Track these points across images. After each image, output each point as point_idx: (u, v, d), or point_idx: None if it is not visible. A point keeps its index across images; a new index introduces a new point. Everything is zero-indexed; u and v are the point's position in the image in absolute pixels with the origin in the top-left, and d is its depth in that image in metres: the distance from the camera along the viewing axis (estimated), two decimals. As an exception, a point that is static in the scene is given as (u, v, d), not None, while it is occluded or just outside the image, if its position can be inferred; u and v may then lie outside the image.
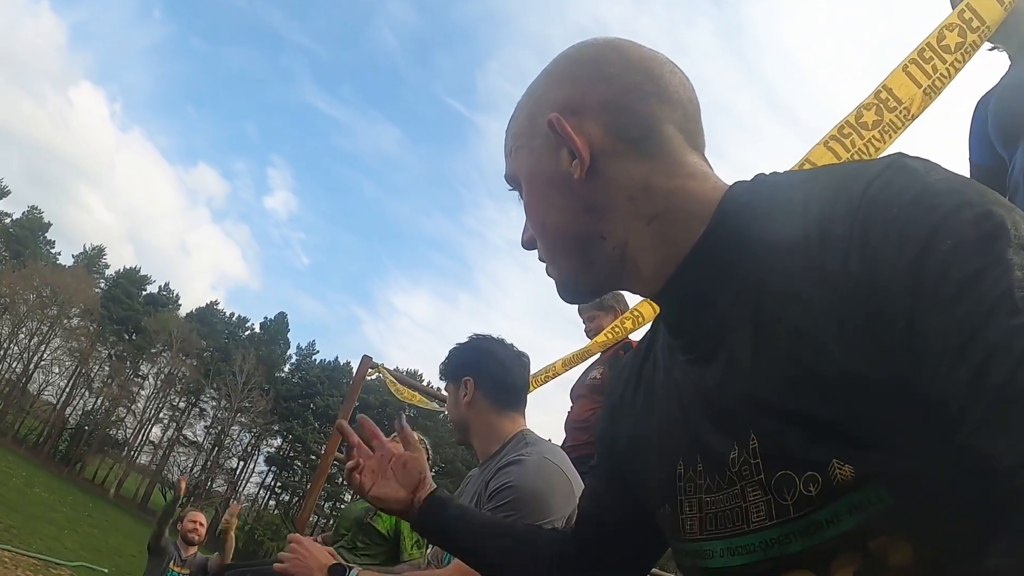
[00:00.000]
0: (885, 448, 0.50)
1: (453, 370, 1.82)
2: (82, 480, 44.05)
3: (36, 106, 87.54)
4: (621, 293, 3.61)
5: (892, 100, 1.76)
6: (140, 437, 48.84)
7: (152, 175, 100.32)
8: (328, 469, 5.82)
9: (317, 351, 55.81)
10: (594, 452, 0.91)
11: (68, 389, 47.77)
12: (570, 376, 3.84)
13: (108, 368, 48.79)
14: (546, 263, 0.73)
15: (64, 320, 47.93)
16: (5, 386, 45.84)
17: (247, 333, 55.80)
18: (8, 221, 54.02)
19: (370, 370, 6.00)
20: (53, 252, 56.71)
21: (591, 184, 0.65)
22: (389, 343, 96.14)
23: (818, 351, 0.52)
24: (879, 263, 0.49)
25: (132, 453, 48.78)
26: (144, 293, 54.62)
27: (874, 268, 0.50)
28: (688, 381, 0.65)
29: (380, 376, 6.18)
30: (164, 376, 49.54)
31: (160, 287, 56.63)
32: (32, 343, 47.26)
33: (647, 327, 0.84)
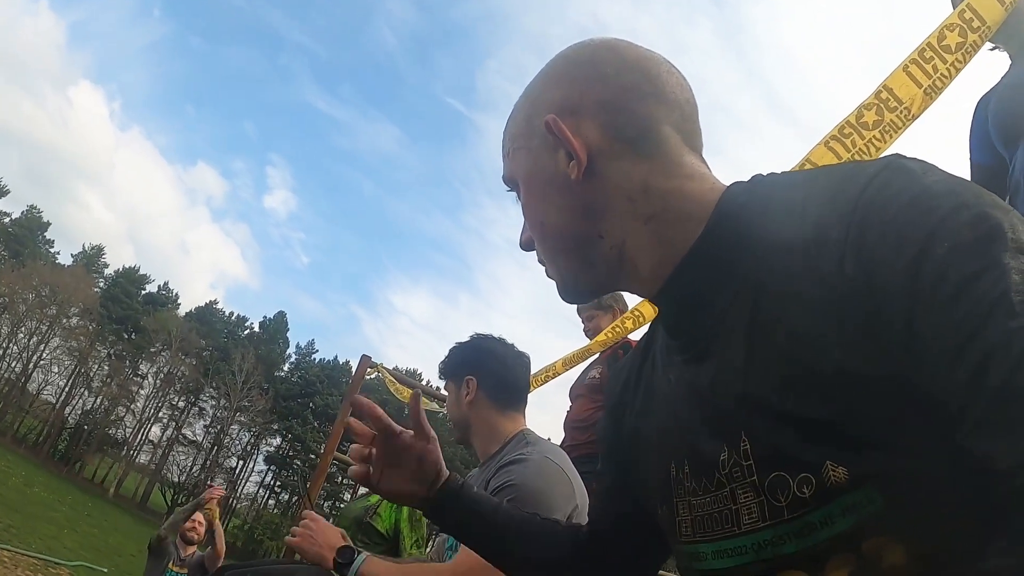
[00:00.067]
0: (881, 449, 0.50)
1: (454, 369, 1.81)
2: (81, 479, 44.03)
3: (35, 105, 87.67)
4: (620, 293, 3.61)
5: (893, 100, 1.76)
6: (139, 436, 48.88)
7: (151, 174, 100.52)
8: (327, 468, 5.81)
9: (316, 350, 56.20)
10: (598, 455, 0.90)
11: (67, 388, 47.78)
12: (569, 376, 3.84)
13: (107, 367, 48.76)
14: (545, 264, 0.73)
15: (63, 319, 47.89)
16: (4, 385, 45.79)
17: (246, 332, 55.89)
18: (7, 220, 54.00)
19: (369, 369, 5.97)
20: (52, 251, 56.79)
21: (589, 185, 0.65)
22: (388, 342, 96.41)
23: (816, 351, 0.52)
24: (876, 264, 0.49)
25: (131, 452, 48.78)
26: (143, 292, 54.63)
27: (871, 269, 0.50)
28: (683, 381, 0.65)
29: (379, 375, 6.16)
30: (163, 375, 49.54)
31: (159, 286, 56.73)
32: (31, 342, 47.25)
33: (648, 327, 0.84)
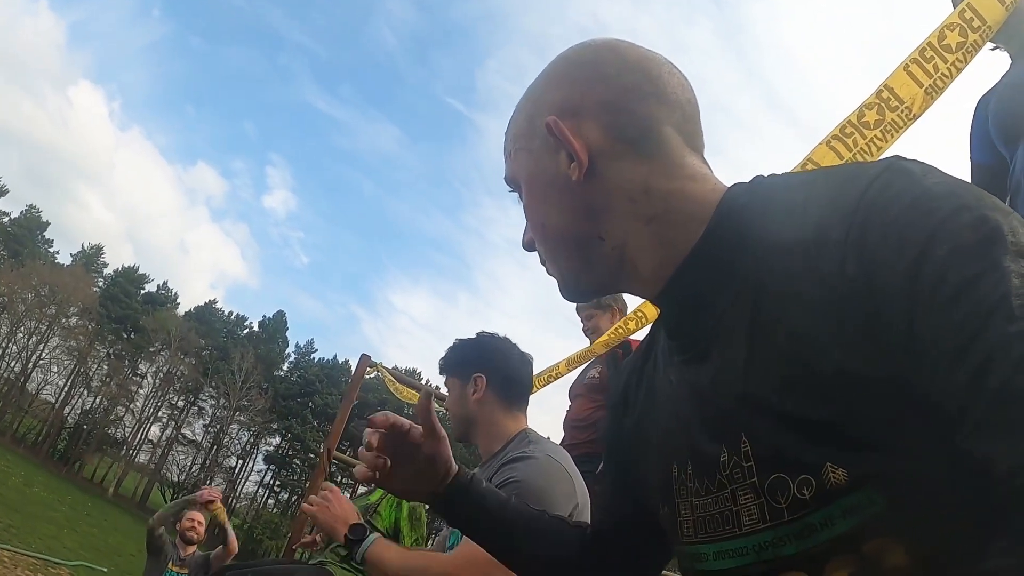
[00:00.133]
0: (881, 450, 0.50)
1: (462, 366, 1.80)
2: (81, 479, 43.97)
3: (35, 105, 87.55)
4: (620, 293, 3.61)
5: (894, 100, 1.75)
6: (139, 436, 48.84)
7: (151, 174, 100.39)
8: (327, 467, 5.81)
9: (316, 350, 56.10)
10: (602, 456, 0.90)
11: (67, 388, 47.73)
12: (570, 375, 3.84)
13: (107, 367, 48.73)
14: (546, 264, 0.73)
15: (62, 319, 47.85)
16: (3, 385, 45.75)
17: (246, 332, 55.83)
18: (6, 220, 53.99)
19: (369, 368, 5.97)
20: (51, 251, 56.76)
21: (590, 186, 0.65)
22: (388, 342, 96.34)
23: (816, 352, 0.52)
24: (877, 266, 0.49)
25: (131, 452, 48.75)
26: (142, 292, 54.58)
27: (872, 271, 0.50)
28: (684, 382, 0.65)
29: (379, 375, 6.16)
30: (163, 375, 49.49)
31: (159, 286, 56.72)
32: (30, 342, 47.20)
33: (650, 327, 0.85)
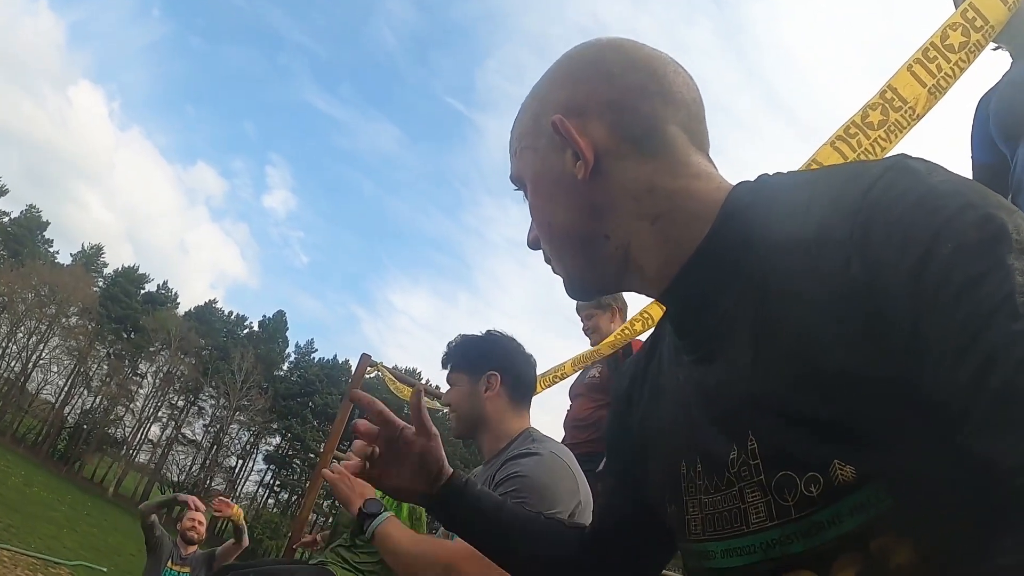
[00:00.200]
0: (888, 448, 0.50)
1: (475, 362, 1.79)
2: (81, 479, 44.02)
3: (35, 105, 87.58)
4: (620, 292, 3.61)
5: (897, 100, 1.76)
6: (139, 436, 48.87)
7: (151, 174, 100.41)
8: (327, 467, 5.82)
9: (316, 349, 56.16)
10: (603, 451, 0.90)
11: (67, 388, 47.74)
12: (574, 376, 3.84)
13: (107, 367, 48.75)
14: (552, 262, 0.73)
15: (62, 319, 47.88)
16: (3, 385, 45.77)
17: (246, 331, 55.84)
18: (6, 220, 54.00)
19: (369, 368, 5.96)
20: (51, 251, 56.79)
21: (595, 184, 0.65)
22: (388, 342, 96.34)
23: (820, 351, 0.52)
24: (881, 265, 0.50)
25: (131, 452, 48.79)
26: (142, 292, 54.59)
27: (876, 270, 0.50)
28: (691, 381, 0.65)
29: (379, 374, 6.16)
30: (163, 375, 49.51)
31: (159, 286, 56.74)
32: (30, 342, 47.22)
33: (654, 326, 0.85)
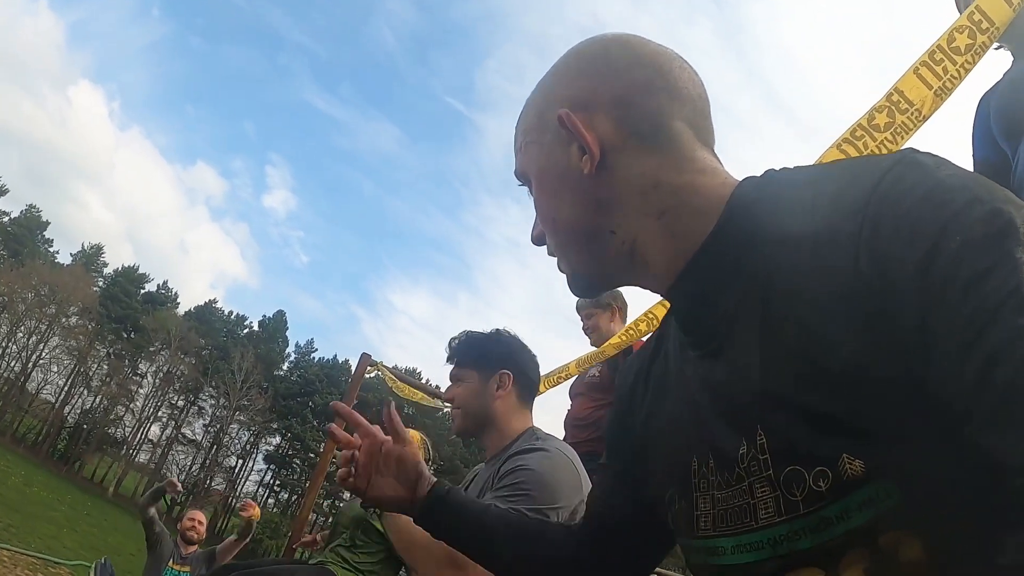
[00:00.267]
0: (897, 443, 0.50)
1: (486, 360, 1.80)
2: (81, 479, 44.00)
3: (35, 105, 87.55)
4: (619, 291, 3.62)
5: (904, 102, 1.77)
6: (139, 436, 48.85)
7: (150, 174, 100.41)
8: (327, 467, 5.81)
9: (316, 349, 56.15)
10: (603, 450, 0.90)
11: (67, 388, 47.74)
12: (574, 376, 3.85)
13: (106, 367, 48.75)
14: (557, 258, 0.73)
15: (62, 319, 47.87)
16: (3, 385, 45.76)
17: (246, 331, 55.87)
18: (6, 220, 53.99)
19: (369, 368, 5.98)
20: (51, 251, 56.83)
21: (601, 179, 0.65)
22: (388, 342, 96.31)
23: (828, 347, 0.52)
24: (889, 260, 0.49)
25: (131, 452, 48.77)
26: (142, 292, 54.61)
27: (884, 265, 0.50)
28: (698, 376, 0.65)
29: (379, 374, 6.17)
30: (163, 374, 49.50)
31: (159, 285, 56.78)
32: (30, 342, 47.22)
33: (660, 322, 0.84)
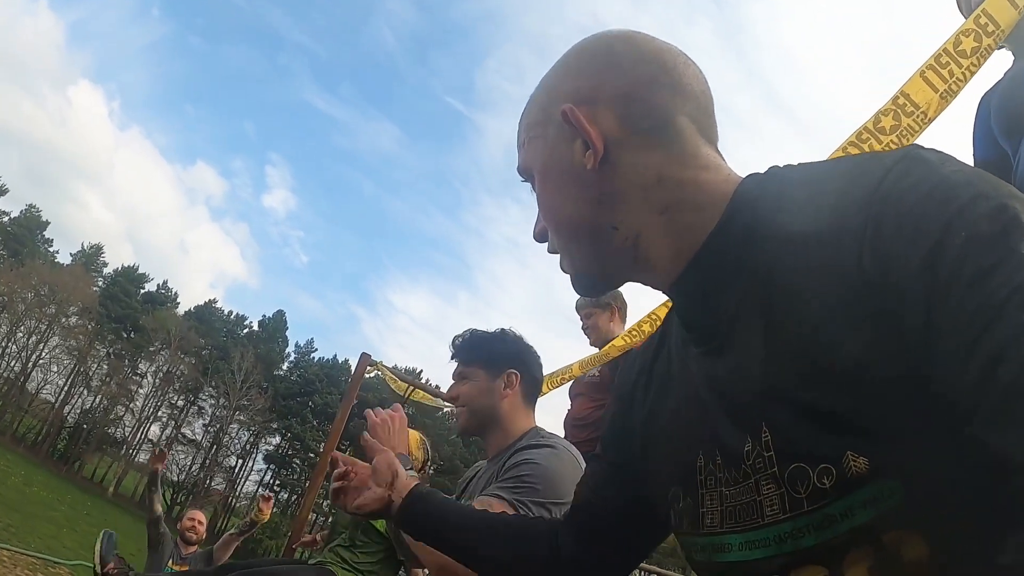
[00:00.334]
0: (901, 440, 0.50)
1: (494, 359, 1.81)
2: (81, 479, 43.97)
3: (35, 105, 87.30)
4: (619, 291, 3.61)
5: (909, 105, 1.78)
6: (139, 435, 48.84)
7: (150, 173, 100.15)
8: (327, 467, 5.82)
9: (315, 349, 56.04)
10: (598, 443, 0.89)
11: (66, 388, 47.69)
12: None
13: (106, 366, 48.72)
14: (559, 255, 0.72)
15: (62, 318, 47.84)
16: (3, 385, 45.73)
17: (245, 331, 55.79)
18: (6, 220, 53.94)
19: (369, 368, 5.97)
20: (51, 251, 56.71)
21: (604, 174, 0.65)
22: (388, 342, 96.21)
23: (830, 345, 0.52)
24: (893, 258, 0.49)
25: (131, 451, 48.73)
26: (142, 291, 54.54)
27: (888, 263, 0.49)
28: (702, 373, 0.65)
29: (379, 374, 6.16)
30: (162, 374, 49.48)
31: (158, 285, 56.70)
32: (30, 342, 47.18)
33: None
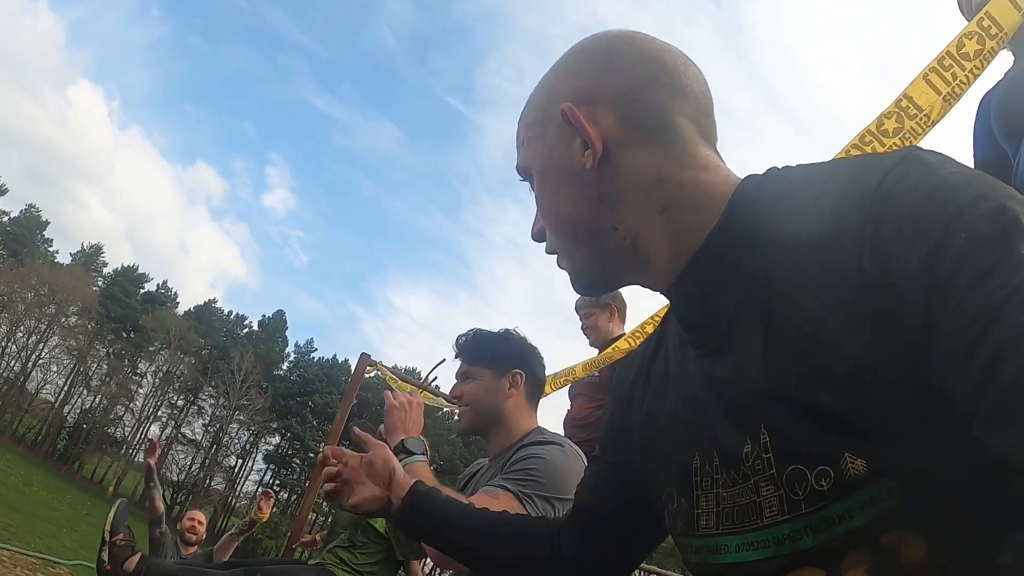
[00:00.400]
0: (899, 442, 0.50)
1: (500, 358, 1.81)
2: (80, 478, 43.95)
3: (35, 105, 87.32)
4: (619, 291, 3.61)
5: (913, 108, 1.78)
6: (138, 435, 48.77)
7: (150, 173, 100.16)
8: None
9: (315, 349, 56.07)
10: (596, 444, 0.88)
11: (66, 387, 47.67)
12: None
13: (106, 366, 48.70)
14: (557, 254, 0.72)
15: (62, 318, 47.82)
16: (3, 384, 45.71)
17: (245, 331, 55.76)
18: (6, 219, 53.92)
19: (368, 368, 5.97)
20: (51, 251, 56.68)
21: (603, 174, 0.65)
22: (388, 341, 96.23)
23: (829, 346, 0.52)
24: (892, 259, 0.49)
25: (130, 451, 48.66)
26: (142, 291, 54.49)
27: (887, 264, 0.49)
28: (701, 374, 0.65)
29: (379, 374, 6.15)
30: (162, 374, 49.46)
31: (158, 285, 56.62)
32: (30, 341, 47.16)
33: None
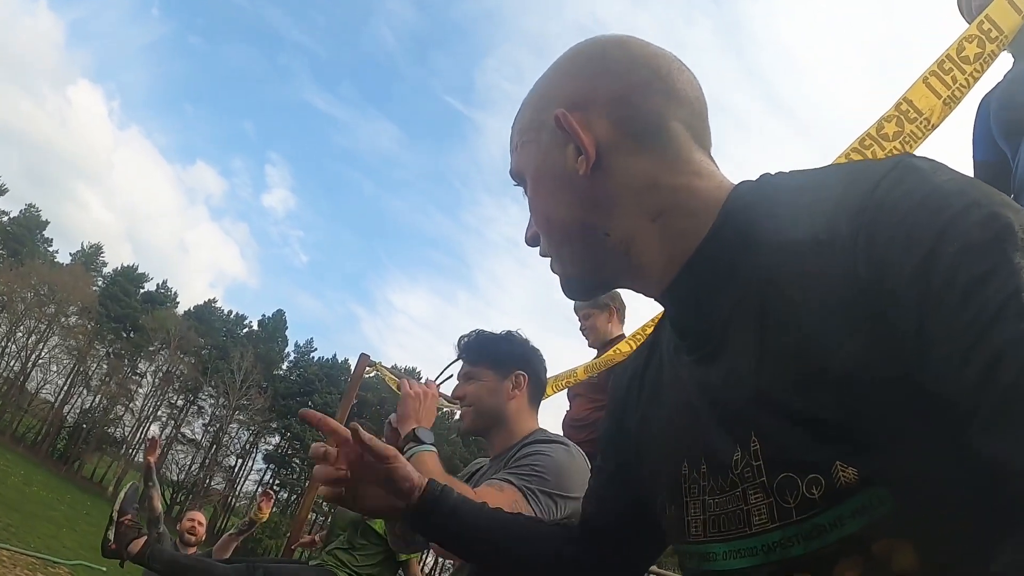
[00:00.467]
0: (891, 449, 0.50)
1: (503, 360, 1.82)
2: (80, 478, 43.97)
3: (34, 104, 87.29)
4: (618, 292, 3.61)
5: (913, 111, 1.78)
6: (138, 435, 48.75)
7: (150, 173, 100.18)
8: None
9: (315, 349, 56.05)
10: (597, 452, 0.89)
11: (66, 387, 47.65)
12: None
13: (106, 366, 48.69)
14: (550, 259, 0.72)
15: (62, 318, 47.80)
16: (3, 384, 45.70)
17: (245, 331, 55.77)
18: (6, 219, 53.89)
19: (368, 368, 5.97)
20: (51, 250, 56.64)
21: (597, 180, 0.64)
22: (388, 341, 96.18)
23: (825, 353, 0.52)
24: (886, 266, 0.49)
25: (130, 451, 48.65)
26: (142, 291, 54.47)
27: (881, 271, 0.49)
28: (693, 381, 0.64)
29: (378, 374, 6.15)
30: (162, 374, 49.44)
31: (158, 285, 56.63)
32: (30, 341, 47.14)
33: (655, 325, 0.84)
